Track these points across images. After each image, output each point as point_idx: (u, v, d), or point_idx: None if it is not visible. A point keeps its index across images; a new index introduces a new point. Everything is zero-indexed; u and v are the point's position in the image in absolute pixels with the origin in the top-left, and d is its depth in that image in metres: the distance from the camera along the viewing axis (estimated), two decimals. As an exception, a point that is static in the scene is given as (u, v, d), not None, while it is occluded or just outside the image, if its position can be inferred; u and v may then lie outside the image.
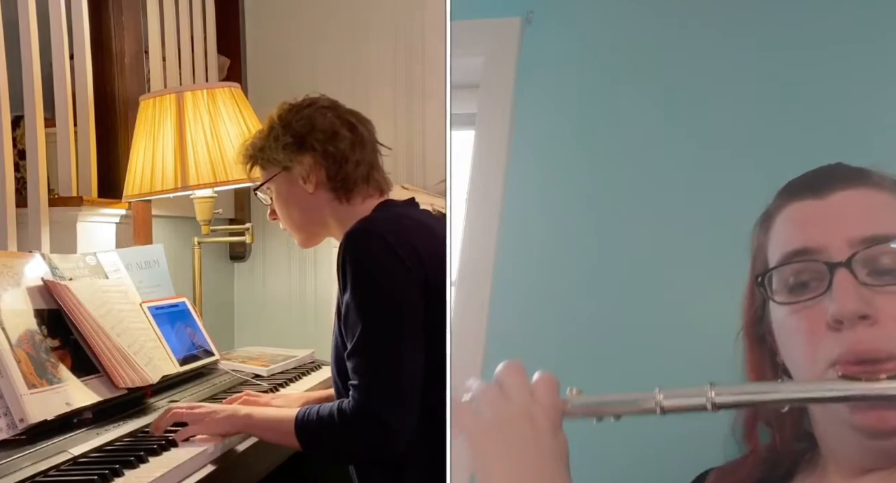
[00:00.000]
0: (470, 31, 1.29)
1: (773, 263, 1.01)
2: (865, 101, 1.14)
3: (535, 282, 1.37)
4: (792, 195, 1.04)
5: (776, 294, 1.01)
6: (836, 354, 0.94)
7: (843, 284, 0.95)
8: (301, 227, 1.75)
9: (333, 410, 1.50)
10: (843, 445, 0.98)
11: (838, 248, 0.97)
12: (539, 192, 1.37)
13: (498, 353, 1.35)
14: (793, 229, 1.02)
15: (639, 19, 1.33)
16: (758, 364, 1.04)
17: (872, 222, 0.98)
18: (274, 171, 1.71)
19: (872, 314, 0.94)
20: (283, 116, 1.72)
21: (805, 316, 0.98)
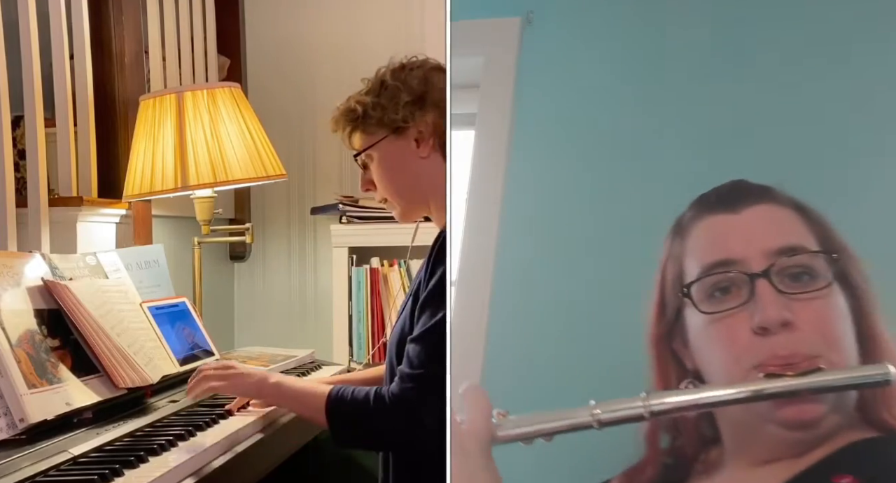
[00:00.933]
0: (470, 31, 1.29)
1: (693, 274, 1.07)
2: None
3: (535, 282, 1.37)
4: (706, 209, 1.10)
5: (700, 304, 1.06)
6: (760, 358, 1.01)
7: (765, 294, 1.02)
8: (405, 195, 1.65)
9: (370, 394, 1.48)
10: (755, 440, 1.04)
11: (756, 260, 1.04)
12: (539, 192, 1.37)
13: (498, 353, 1.35)
14: (712, 242, 1.08)
15: (639, 19, 1.33)
16: (666, 372, 1.10)
17: (782, 235, 1.06)
18: (381, 134, 1.61)
19: (791, 320, 1.01)
20: (396, 74, 1.63)
21: (728, 324, 1.04)
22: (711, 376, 1.06)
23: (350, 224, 2.83)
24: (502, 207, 1.35)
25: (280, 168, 2.47)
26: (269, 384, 1.55)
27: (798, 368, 0.99)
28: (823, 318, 1.03)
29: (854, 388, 1.00)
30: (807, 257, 1.04)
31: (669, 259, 1.11)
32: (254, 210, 3.28)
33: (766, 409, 1.01)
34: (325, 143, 3.17)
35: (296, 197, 3.26)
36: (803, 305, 1.02)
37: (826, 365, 1.00)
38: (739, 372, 1.02)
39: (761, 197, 1.08)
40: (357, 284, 2.84)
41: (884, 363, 0.98)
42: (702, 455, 1.09)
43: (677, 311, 1.09)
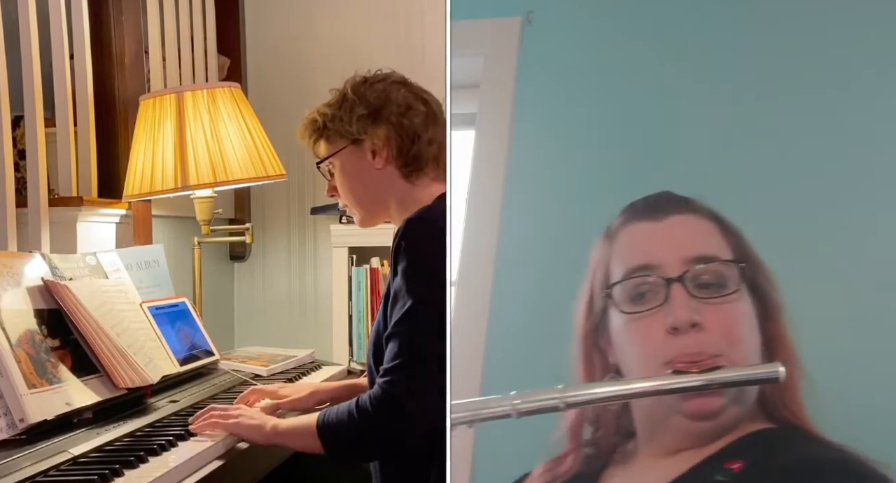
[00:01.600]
0: (470, 31, 1.29)
1: (618, 277, 1.17)
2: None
3: (536, 281, 1.37)
4: (632, 216, 1.20)
5: (621, 304, 1.16)
6: (670, 355, 1.12)
7: (679, 298, 1.12)
8: (363, 204, 1.71)
9: (352, 406, 1.49)
10: (665, 431, 1.15)
11: (673, 266, 1.14)
12: (540, 191, 1.37)
13: (498, 353, 1.35)
14: (636, 248, 1.18)
15: (639, 19, 1.33)
16: (590, 366, 1.19)
17: (698, 245, 1.16)
18: (341, 144, 1.68)
19: (700, 322, 1.12)
20: (356, 88, 1.68)
21: (645, 324, 1.14)
22: (629, 371, 1.16)
23: (350, 224, 2.83)
24: (502, 207, 1.35)
25: (280, 168, 2.47)
26: (267, 429, 1.57)
27: (702, 365, 1.10)
28: (729, 321, 1.13)
29: (747, 383, 1.11)
30: (719, 265, 1.14)
31: (598, 262, 1.21)
32: (254, 210, 3.28)
33: (674, 403, 1.12)
34: (325, 143, 3.17)
35: (296, 197, 3.26)
36: (712, 309, 1.12)
37: (727, 363, 1.11)
38: (653, 367, 1.13)
39: (683, 207, 1.18)
40: (357, 284, 2.84)
41: (775, 362, 1.10)
42: (620, 446, 1.18)
43: (603, 310, 1.18)
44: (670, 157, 1.31)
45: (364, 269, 2.84)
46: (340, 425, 1.50)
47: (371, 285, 2.83)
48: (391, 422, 1.47)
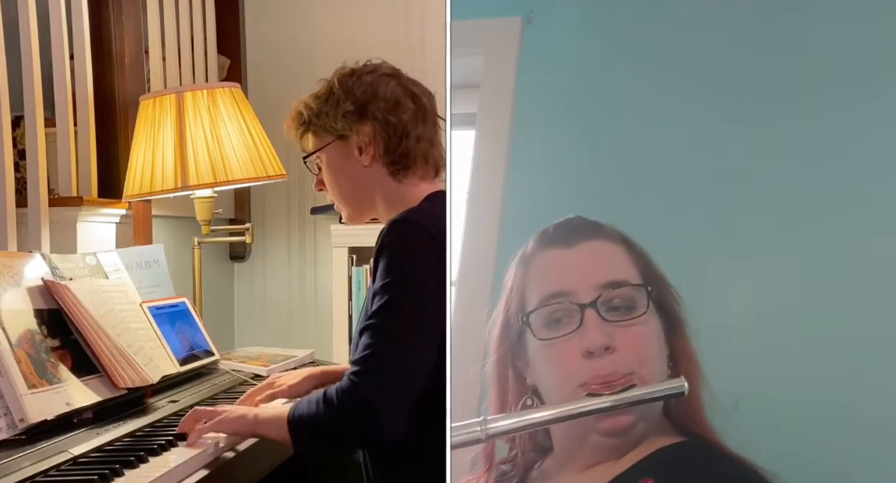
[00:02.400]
0: (470, 31, 1.29)
1: (533, 303, 1.21)
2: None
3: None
4: (545, 243, 1.23)
5: (538, 331, 1.20)
6: (585, 378, 1.16)
7: (592, 322, 1.17)
8: (350, 200, 1.68)
9: (319, 397, 1.46)
10: (580, 447, 1.20)
11: (586, 292, 1.19)
12: (540, 191, 1.37)
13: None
14: (549, 274, 1.22)
15: (639, 19, 1.33)
16: (504, 389, 1.23)
17: (609, 270, 1.20)
18: (327, 139, 1.63)
19: (612, 345, 1.16)
20: (343, 82, 1.63)
21: (560, 348, 1.18)
22: (546, 392, 1.21)
23: (350, 224, 2.83)
24: (502, 207, 1.35)
25: (280, 168, 2.47)
26: (249, 419, 1.54)
27: (615, 386, 1.15)
28: (638, 341, 1.18)
29: (655, 400, 1.17)
30: (629, 289, 1.19)
31: (514, 287, 1.24)
32: (254, 210, 3.28)
33: (589, 422, 1.17)
34: (325, 143, 3.17)
35: (296, 197, 3.26)
36: (623, 331, 1.17)
37: (638, 380, 1.16)
38: (569, 389, 1.17)
39: (593, 233, 1.22)
40: (357, 284, 2.84)
41: (680, 378, 1.15)
42: (537, 462, 1.22)
43: (519, 334, 1.22)
44: (670, 158, 1.31)
45: (364, 269, 2.84)
46: (308, 416, 1.47)
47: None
48: (356, 414, 1.43)
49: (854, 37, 1.22)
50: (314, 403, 1.48)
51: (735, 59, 1.29)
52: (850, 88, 1.22)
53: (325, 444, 1.50)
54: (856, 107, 1.19)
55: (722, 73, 1.30)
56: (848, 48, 1.23)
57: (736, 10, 1.29)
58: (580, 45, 1.36)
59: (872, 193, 1.15)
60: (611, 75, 1.35)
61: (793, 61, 1.26)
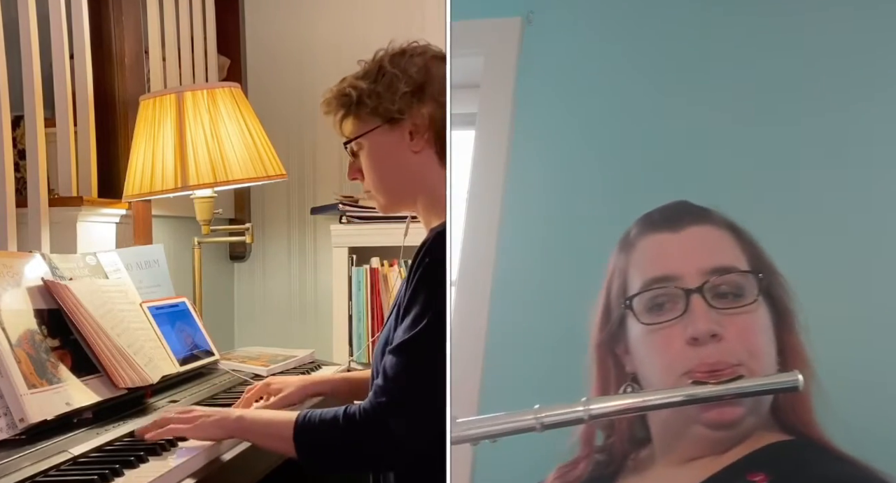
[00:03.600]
0: (470, 31, 1.29)
1: (635, 287, 1.18)
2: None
3: (536, 282, 1.37)
4: (650, 227, 1.20)
5: (640, 315, 1.17)
6: (690, 366, 1.13)
7: (699, 308, 1.13)
8: (392, 190, 1.57)
9: (339, 414, 1.43)
10: (681, 439, 1.15)
11: (692, 277, 1.15)
12: (539, 191, 1.37)
13: (498, 352, 1.35)
14: (654, 259, 1.19)
15: (639, 19, 1.33)
16: (606, 375, 1.20)
17: (717, 255, 1.17)
18: (374, 123, 1.53)
19: (719, 332, 1.13)
20: (395, 61, 1.53)
21: (664, 334, 1.15)
22: (648, 380, 1.17)
23: (350, 224, 2.83)
24: (502, 207, 1.35)
25: (280, 168, 2.47)
26: (231, 420, 1.48)
27: (722, 376, 1.11)
28: (747, 331, 1.14)
29: (766, 393, 1.12)
30: (737, 276, 1.15)
31: (615, 271, 1.21)
32: (254, 210, 3.28)
33: (692, 412, 1.13)
34: (325, 143, 3.17)
35: (296, 197, 3.26)
36: (731, 319, 1.13)
37: (746, 372, 1.12)
38: (672, 378, 1.14)
39: (700, 218, 1.19)
40: (357, 284, 2.84)
41: (794, 371, 1.10)
42: (633, 453, 1.19)
43: (620, 320, 1.19)
44: (670, 157, 1.31)
45: (364, 269, 2.84)
46: (324, 429, 1.43)
47: (371, 285, 2.83)
48: (376, 439, 1.41)
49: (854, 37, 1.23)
50: (330, 418, 1.43)
51: (735, 58, 1.29)
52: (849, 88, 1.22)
53: (336, 461, 1.45)
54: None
55: (721, 73, 1.30)
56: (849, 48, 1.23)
57: (735, 10, 1.29)
58: (580, 45, 1.37)
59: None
60: (610, 75, 1.35)
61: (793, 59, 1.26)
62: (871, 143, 1.20)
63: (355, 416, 1.42)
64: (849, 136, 1.21)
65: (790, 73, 1.25)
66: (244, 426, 1.49)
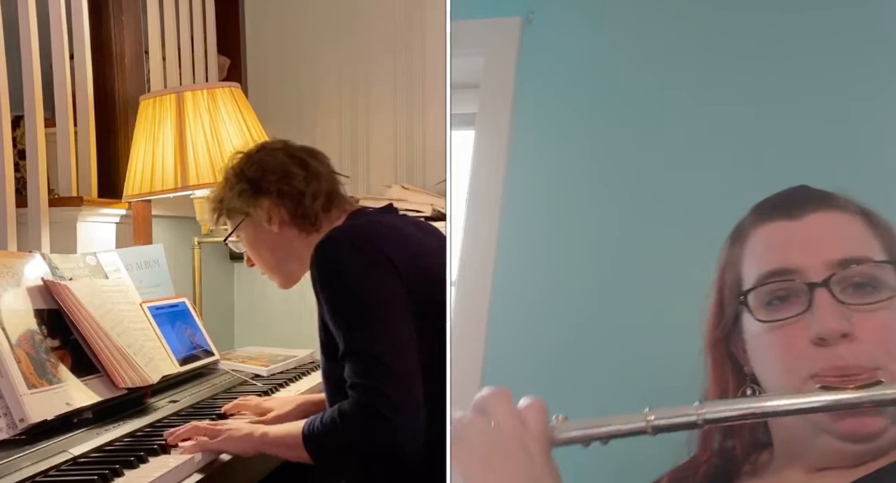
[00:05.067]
0: (470, 31, 1.29)
1: (751, 281, 1.06)
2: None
3: (535, 282, 1.37)
4: (765, 215, 1.09)
5: (756, 312, 1.05)
6: (817, 369, 1.00)
7: (825, 304, 1.00)
8: (276, 268, 1.76)
9: (334, 414, 1.48)
10: (809, 449, 1.03)
11: (815, 270, 1.02)
12: (539, 191, 1.37)
13: (498, 352, 1.35)
14: (771, 250, 1.07)
15: (638, 19, 1.34)
16: (723, 376, 1.09)
17: (845, 245, 1.04)
18: (238, 219, 1.73)
19: (851, 331, 0.99)
20: (235, 166, 1.74)
21: (785, 333, 1.03)
22: (768, 383, 1.05)
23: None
24: (502, 207, 1.36)
25: (280, 168, 2.46)
26: (256, 437, 1.56)
27: (857, 380, 0.97)
28: (886, 329, 1.00)
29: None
30: (870, 267, 1.02)
31: (728, 264, 1.10)
32: (254, 210, 3.27)
33: (822, 420, 1.00)
34: (324, 143, 3.16)
35: (296, 197, 3.25)
36: (865, 316, 1.00)
37: (887, 377, 0.98)
38: (795, 381, 1.01)
39: (823, 203, 1.06)
40: (357, 284, 2.83)
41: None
42: (752, 457, 1.08)
43: (736, 316, 1.08)
44: (670, 157, 1.31)
45: (364, 269, 2.83)
46: (325, 434, 1.49)
47: (371, 285, 2.82)
48: (372, 426, 1.46)
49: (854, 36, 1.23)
50: (329, 420, 1.49)
51: (735, 58, 1.29)
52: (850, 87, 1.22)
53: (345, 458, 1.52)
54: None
55: (721, 72, 1.30)
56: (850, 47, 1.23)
57: (736, 10, 1.29)
58: (579, 45, 1.37)
59: None
60: (610, 75, 1.35)
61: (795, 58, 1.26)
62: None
63: (348, 412, 1.47)
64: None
65: (791, 73, 1.25)
66: (267, 441, 1.57)
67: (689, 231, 1.28)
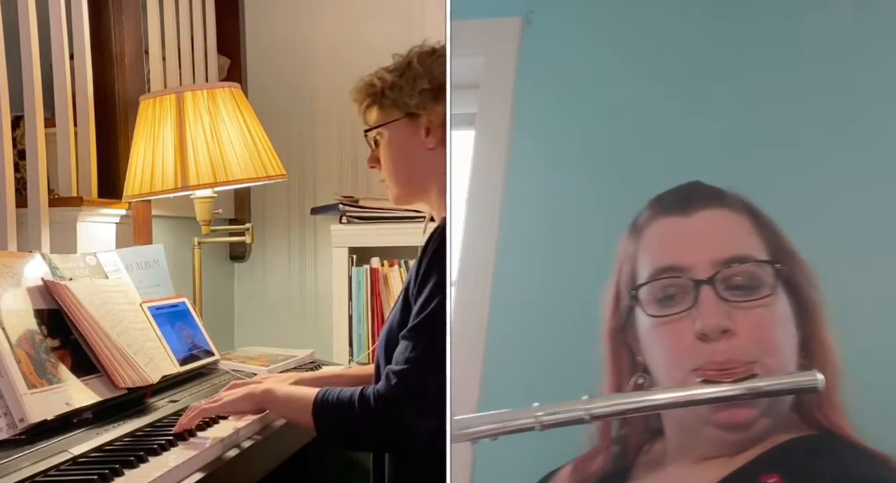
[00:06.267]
0: (470, 31, 1.29)
1: (644, 276, 1.12)
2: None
3: (536, 281, 1.36)
4: (660, 210, 1.14)
5: (647, 306, 1.11)
6: (700, 362, 1.07)
7: (709, 302, 1.07)
8: (404, 182, 1.63)
9: (355, 396, 1.46)
10: (695, 439, 1.10)
11: (702, 268, 1.08)
12: (539, 191, 1.37)
13: (498, 353, 1.35)
14: (664, 246, 1.13)
15: (639, 19, 1.33)
16: (618, 365, 1.15)
17: (730, 244, 1.10)
18: (395, 115, 1.59)
19: (731, 327, 1.06)
20: (423, 59, 1.59)
21: (673, 328, 1.09)
22: (657, 374, 1.12)
23: (350, 224, 2.83)
24: (502, 207, 1.36)
25: (280, 168, 2.47)
26: (258, 393, 1.54)
27: (734, 374, 1.05)
28: (763, 325, 1.07)
29: (783, 393, 1.05)
30: (752, 266, 1.08)
31: (625, 257, 1.15)
32: (254, 210, 3.28)
33: (704, 411, 1.07)
34: (325, 143, 3.17)
35: (296, 197, 3.26)
36: (745, 313, 1.07)
37: (761, 370, 1.05)
38: (680, 373, 1.08)
39: (714, 201, 1.12)
40: (357, 284, 2.84)
41: (813, 371, 1.03)
42: (646, 445, 1.14)
43: (630, 308, 1.14)
44: (669, 157, 1.31)
45: (364, 269, 2.84)
46: (339, 411, 1.47)
47: (371, 286, 2.83)
48: (389, 424, 1.45)
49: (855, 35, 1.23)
50: (346, 399, 1.47)
51: (736, 58, 1.29)
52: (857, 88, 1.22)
53: (352, 440, 1.51)
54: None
55: (722, 73, 1.30)
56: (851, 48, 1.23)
57: (736, 10, 1.29)
58: (580, 44, 1.37)
59: None
60: (610, 75, 1.35)
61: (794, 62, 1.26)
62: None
63: (370, 401, 1.45)
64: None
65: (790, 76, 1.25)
66: (270, 398, 1.53)
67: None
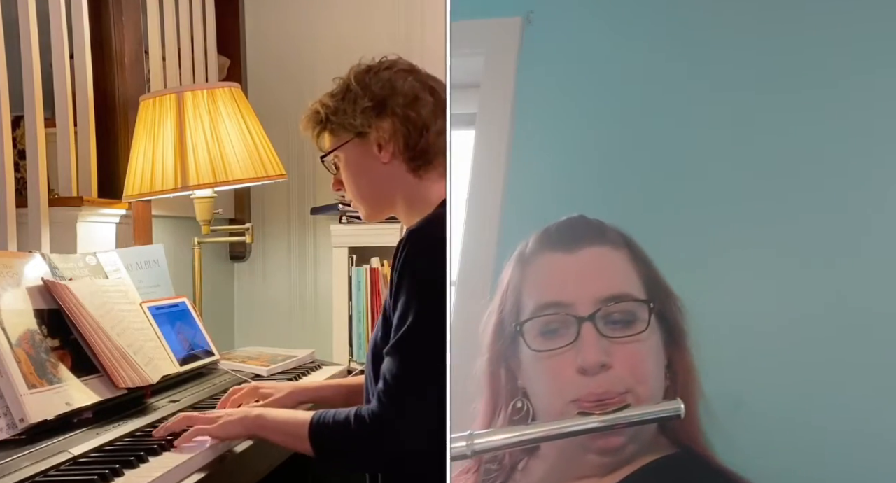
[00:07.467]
0: (470, 31, 1.29)
1: (528, 310, 1.17)
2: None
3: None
4: (545, 246, 1.19)
5: (532, 341, 1.15)
6: (578, 395, 1.13)
7: (590, 338, 1.12)
8: (368, 199, 1.65)
9: (350, 416, 1.46)
10: (569, 460, 1.15)
11: (584, 305, 1.14)
12: (540, 191, 1.37)
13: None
14: (549, 282, 1.18)
15: (640, 19, 1.33)
16: (496, 388, 1.19)
17: (611, 282, 1.16)
18: (345, 137, 1.60)
19: (609, 362, 1.12)
20: (360, 78, 1.60)
21: (555, 361, 1.14)
22: (536, 400, 1.17)
23: (350, 224, 2.83)
24: (502, 207, 1.35)
25: (280, 168, 2.47)
26: (251, 418, 1.52)
27: (609, 405, 1.12)
28: (636, 357, 1.14)
29: (648, 422, 1.13)
30: (630, 305, 1.14)
31: (510, 288, 1.19)
32: (254, 210, 3.28)
33: (584, 439, 1.13)
34: (325, 143, 3.17)
35: (296, 197, 3.26)
36: (621, 347, 1.13)
37: (634, 399, 1.12)
38: (560, 404, 1.14)
39: (595, 237, 1.18)
40: (357, 284, 2.84)
41: (676, 399, 1.12)
42: (521, 463, 1.18)
43: (512, 337, 1.17)
44: (670, 157, 1.31)
45: (364, 269, 2.84)
46: (336, 433, 1.46)
47: (371, 285, 2.83)
48: (385, 442, 1.44)
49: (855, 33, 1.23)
50: (342, 419, 1.46)
51: (736, 58, 1.29)
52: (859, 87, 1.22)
53: (351, 461, 1.50)
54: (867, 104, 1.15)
55: (722, 72, 1.30)
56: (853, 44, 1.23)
57: (736, 10, 1.29)
58: (580, 44, 1.36)
59: (873, 190, 1.13)
60: (611, 75, 1.35)
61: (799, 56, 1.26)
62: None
63: (365, 420, 1.45)
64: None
65: (794, 73, 1.25)
66: (263, 425, 1.52)
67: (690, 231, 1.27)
